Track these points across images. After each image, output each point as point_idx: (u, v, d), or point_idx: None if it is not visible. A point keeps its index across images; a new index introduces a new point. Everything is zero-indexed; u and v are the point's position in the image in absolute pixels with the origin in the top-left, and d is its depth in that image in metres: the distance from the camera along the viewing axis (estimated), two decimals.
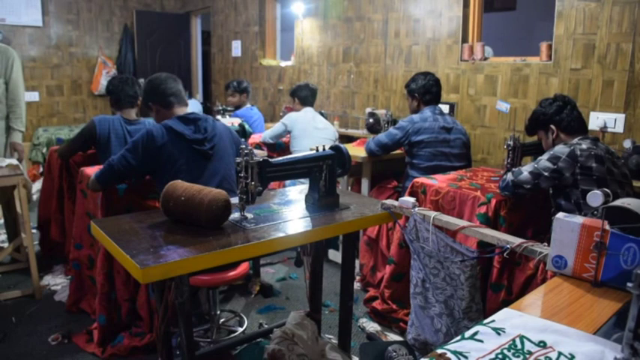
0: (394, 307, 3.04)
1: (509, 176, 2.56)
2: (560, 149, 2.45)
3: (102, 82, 7.46)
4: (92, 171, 2.80)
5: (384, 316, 3.08)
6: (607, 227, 1.46)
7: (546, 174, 2.43)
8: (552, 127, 2.62)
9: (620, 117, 3.49)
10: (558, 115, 2.60)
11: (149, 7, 8.09)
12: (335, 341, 2.71)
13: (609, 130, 3.52)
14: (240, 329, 3.05)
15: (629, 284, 0.99)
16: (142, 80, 3.52)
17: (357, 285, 3.53)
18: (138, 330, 2.79)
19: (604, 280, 1.48)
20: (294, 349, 2.18)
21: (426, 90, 3.62)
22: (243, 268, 2.66)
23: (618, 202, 1.58)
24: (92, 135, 3.27)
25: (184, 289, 1.84)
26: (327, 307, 3.31)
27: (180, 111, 2.72)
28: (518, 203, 2.64)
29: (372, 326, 3.05)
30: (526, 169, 2.50)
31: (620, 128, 3.49)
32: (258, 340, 2.83)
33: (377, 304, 3.12)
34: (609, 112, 3.53)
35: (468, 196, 2.68)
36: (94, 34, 7.61)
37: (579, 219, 1.54)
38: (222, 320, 3.11)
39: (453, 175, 3.08)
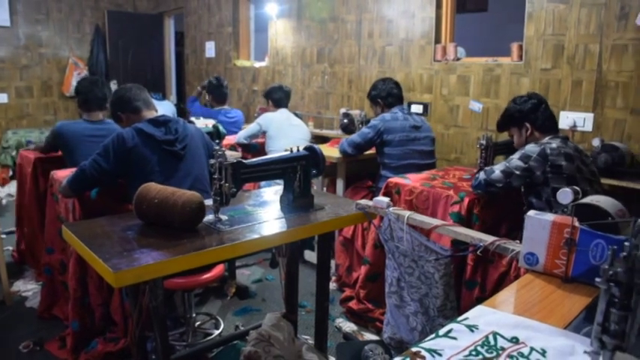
0: (370, 306, 3.05)
1: (482, 175, 2.59)
2: (531, 148, 2.48)
3: (73, 83, 7.34)
4: (63, 174, 2.76)
5: (361, 315, 3.09)
6: (576, 224, 1.49)
7: (518, 172, 2.47)
8: (527, 124, 2.64)
9: (589, 116, 3.56)
10: (534, 114, 2.63)
11: (121, 8, 7.99)
12: (311, 342, 2.71)
13: (579, 129, 3.58)
14: (217, 332, 3.04)
15: (597, 279, 1.01)
16: (113, 82, 3.49)
17: (333, 285, 3.54)
18: (112, 335, 2.75)
19: (574, 276, 1.51)
20: (270, 350, 2.18)
21: (387, 93, 3.74)
22: (219, 270, 2.65)
23: (587, 200, 1.62)
24: (56, 143, 3.31)
25: (158, 293, 1.83)
26: (304, 307, 3.30)
27: (150, 115, 2.71)
28: (491, 201, 2.68)
29: (349, 326, 3.05)
30: (498, 168, 2.54)
31: (589, 127, 3.56)
32: (235, 342, 2.81)
33: (353, 304, 3.13)
34: (578, 111, 3.60)
35: (441, 195, 2.70)
36: (64, 34, 7.48)
37: (550, 216, 1.57)
38: (197, 323, 3.08)
39: (425, 174, 3.10)
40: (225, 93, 5.05)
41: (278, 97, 4.49)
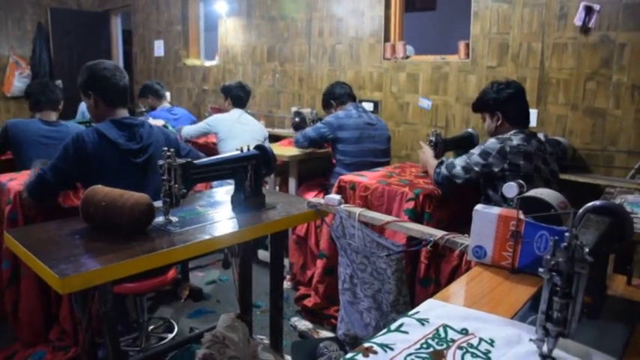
0: (327, 302, 3.05)
1: (444, 169, 2.59)
2: (492, 145, 2.48)
3: (15, 83, 7.08)
4: (6, 177, 2.66)
5: (316, 313, 3.09)
6: (521, 217, 1.53)
7: (477, 169, 2.49)
8: (499, 114, 2.60)
9: (533, 112, 3.67)
10: (508, 104, 2.58)
11: (65, 5, 7.73)
12: (267, 341, 2.70)
13: None
14: (170, 335, 2.99)
15: (540, 270, 1.04)
16: (58, 82, 3.39)
17: (287, 284, 3.53)
18: (61, 344, 2.66)
19: (520, 267, 1.55)
20: (225, 352, 2.15)
21: (338, 93, 3.83)
22: (171, 273, 2.60)
23: (531, 193, 1.66)
24: (6, 140, 3.12)
25: (108, 298, 1.78)
26: (259, 307, 3.29)
27: (119, 113, 2.46)
28: (445, 199, 2.71)
29: (304, 324, 3.06)
30: (459, 164, 2.55)
31: (533, 123, 3.66)
32: (189, 345, 2.77)
33: (308, 302, 3.13)
34: None
35: (396, 192, 2.72)
36: (3, 32, 7.18)
37: (496, 210, 1.61)
38: (151, 327, 3.03)
39: (382, 171, 3.12)
40: (160, 89, 4.99)
41: (237, 96, 4.35)
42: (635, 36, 3.24)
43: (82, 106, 5.21)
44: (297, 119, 4.40)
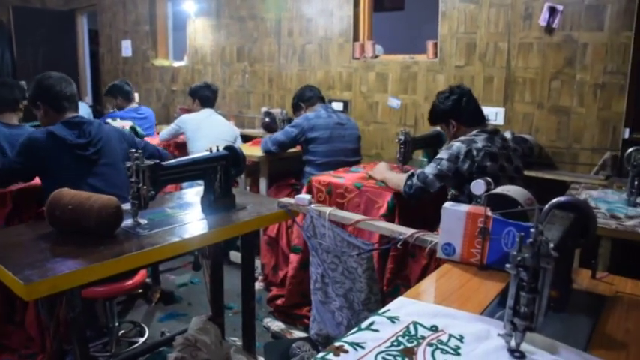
0: (300, 300, 3.03)
1: (415, 181, 2.51)
2: (458, 148, 2.48)
3: None
4: None
5: (288, 313, 3.09)
6: (489, 214, 1.56)
7: (450, 175, 2.46)
8: (452, 121, 2.65)
9: (501, 110, 3.74)
10: (457, 110, 2.63)
11: (28, 3, 7.54)
12: (240, 343, 2.68)
13: (492, 122, 3.74)
14: (141, 339, 2.96)
15: (507, 265, 1.06)
16: (22, 82, 3.28)
17: (259, 285, 3.52)
18: (28, 352, 2.61)
19: (489, 263, 1.58)
20: (197, 354, 2.14)
21: (307, 95, 3.87)
22: (141, 276, 2.58)
23: (498, 190, 1.69)
24: None
25: (76, 303, 1.75)
26: (231, 309, 3.27)
27: (70, 115, 2.61)
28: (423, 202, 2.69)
29: (277, 325, 3.05)
30: (430, 172, 2.48)
31: (500, 121, 3.73)
32: (161, 348, 2.75)
33: (280, 302, 3.12)
34: (491, 105, 3.76)
35: (374, 194, 2.70)
36: None
37: (464, 207, 1.63)
38: (121, 332, 2.99)
39: (362, 173, 3.06)
40: (130, 90, 4.93)
41: (205, 96, 4.35)
42: (597, 36, 3.32)
43: None
44: (267, 119, 4.39)
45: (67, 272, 1.56)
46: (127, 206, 1.95)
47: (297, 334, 2.96)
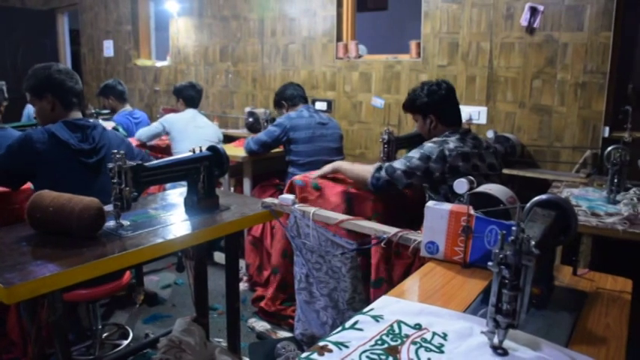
0: (285, 296, 3.03)
1: (383, 174, 2.45)
2: (430, 149, 2.44)
3: None
4: None
5: (273, 314, 3.08)
6: (472, 212, 1.57)
7: (419, 173, 2.41)
8: (432, 116, 2.58)
9: (483, 110, 3.77)
10: (440, 106, 2.57)
11: (6, 2, 7.44)
12: (224, 344, 2.67)
13: (474, 122, 3.77)
14: (125, 342, 2.93)
15: (490, 263, 1.07)
16: (2, 83, 3.22)
17: (244, 285, 3.51)
18: (9, 356, 2.57)
19: (472, 261, 1.59)
20: (182, 356, 2.12)
21: (290, 94, 3.85)
22: (125, 278, 2.55)
23: (481, 189, 1.70)
24: None
25: (58, 306, 1.73)
26: (215, 310, 3.26)
27: (73, 115, 2.43)
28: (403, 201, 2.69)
29: (262, 325, 3.04)
30: (399, 168, 2.44)
31: (483, 120, 3.77)
32: (145, 351, 2.73)
33: (265, 303, 3.11)
34: (473, 105, 3.79)
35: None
36: None
37: (447, 206, 1.64)
38: (105, 334, 2.96)
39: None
40: (124, 90, 4.87)
41: (190, 96, 4.32)
42: (577, 36, 3.36)
43: (29, 109, 5.03)
44: (250, 119, 4.38)
45: (49, 275, 1.53)
46: (109, 208, 1.93)
47: (283, 334, 2.95)
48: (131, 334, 3.00)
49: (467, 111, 3.80)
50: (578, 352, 1.13)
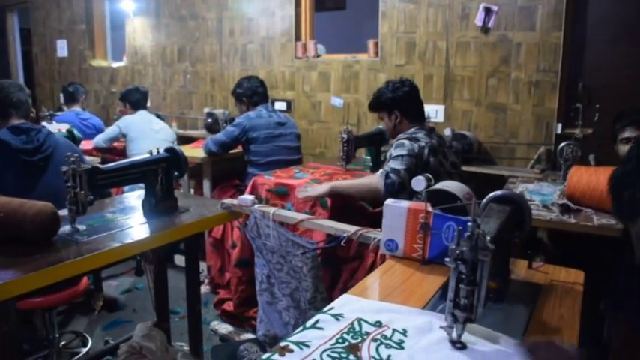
0: (246, 291, 3.00)
1: (395, 177, 2.42)
2: (410, 146, 2.47)
3: None
4: None
5: (236, 316, 3.06)
6: (430, 209, 1.59)
7: (413, 169, 2.44)
8: (397, 112, 2.64)
9: (441, 108, 3.82)
10: (405, 102, 2.63)
11: None
12: (187, 348, 2.64)
13: (432, 120, 3.82)
14: (84, 350, 2.87)
15: (447, 259, 1.08)
16: None
17: (205, 288, 3.47)
18: None
19: (430, 258, 1.61)
20: None
21: (252, 92, 3.79)
22: (82, 284, 2.49)
23: (438, 186, 1.73)
24: None
25: (10, 316, 1.67)
26: (177, 313, 3.21)
27: (16, 122, 2.43)
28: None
29: (225, 327, 3.02)
30: (400, 168, 2.43)
31: (440, 118, 3.82)
32: (105, 358, 2.68)
33: (227, 306, 3.09)
34: (431, 103, 3.84)
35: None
36: None
37: (405, 203, 1.65)
38: (63, 343, 2.89)
39: (307, 179, 2.96)
40: (74, 91, 4.77)
41: (135, 99, 4.30)
42: (530, 36, 3.45)
43: None
44: (209, 120, 4.35)
45: (1, 283, 1.49)
46: (64, 212, 1.88)
47: (246, 336, 2.94)
48: (90, 342, 2.93)
49: (425, 109, 3.83)
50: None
